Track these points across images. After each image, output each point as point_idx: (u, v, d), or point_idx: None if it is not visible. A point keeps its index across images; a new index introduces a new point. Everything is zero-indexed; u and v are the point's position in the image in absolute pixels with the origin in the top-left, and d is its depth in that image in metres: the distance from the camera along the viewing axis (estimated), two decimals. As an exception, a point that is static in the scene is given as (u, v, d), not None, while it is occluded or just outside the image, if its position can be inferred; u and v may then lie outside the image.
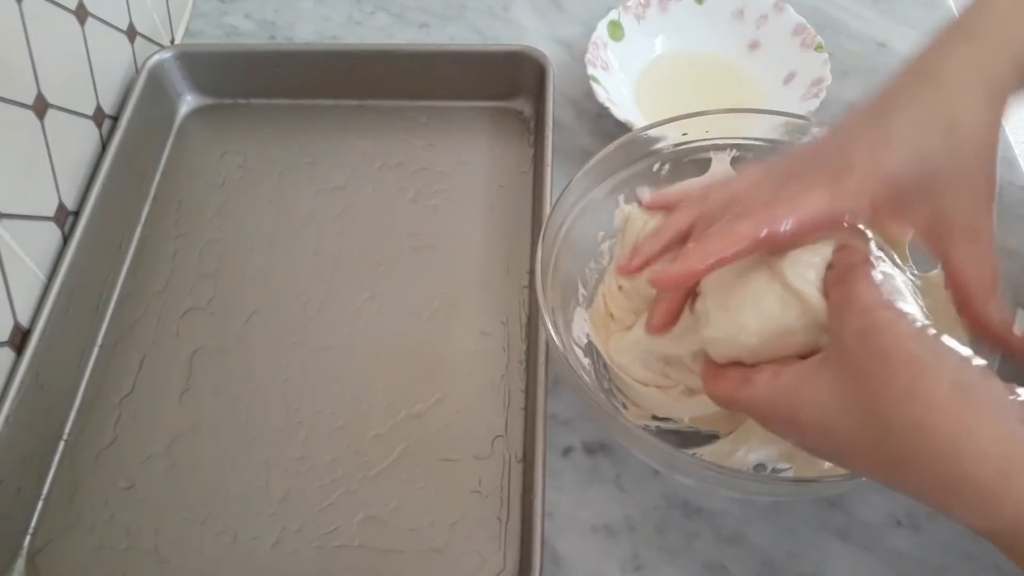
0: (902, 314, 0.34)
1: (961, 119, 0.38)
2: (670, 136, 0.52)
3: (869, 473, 0.35)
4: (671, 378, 0.47)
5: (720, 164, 0.53)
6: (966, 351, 0.33)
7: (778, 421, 0.37)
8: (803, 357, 0.38)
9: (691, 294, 0.43)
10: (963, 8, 0.42)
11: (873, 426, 0.33)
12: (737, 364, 0.40)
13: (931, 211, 0.39)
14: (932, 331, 0.33)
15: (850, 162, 0.38)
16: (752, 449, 0.45)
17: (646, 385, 0.48)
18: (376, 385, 0.54)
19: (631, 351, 0.48)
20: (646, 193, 0.45)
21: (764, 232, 0.37)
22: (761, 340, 0.38)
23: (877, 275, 0.36)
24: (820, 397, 0.35)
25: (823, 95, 0.63)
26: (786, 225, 0.37)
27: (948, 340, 0.33)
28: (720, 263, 0.38)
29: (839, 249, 0.38)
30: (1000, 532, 0.31)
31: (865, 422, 0.33)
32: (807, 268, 0.38)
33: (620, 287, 0.51)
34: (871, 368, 0.33)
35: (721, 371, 0.40)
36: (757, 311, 0.38)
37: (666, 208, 0.44)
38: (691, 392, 0.47)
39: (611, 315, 0.51)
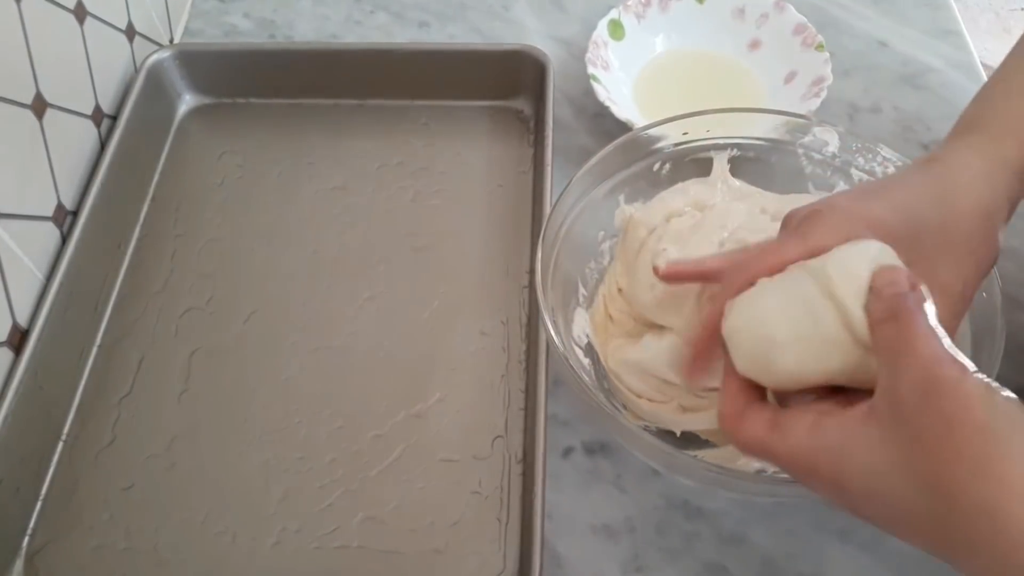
0: (966, 371, 0.30)
1: (957, 192, 0.39)
2: (670, 135, 0.52)
3: (924, 548, 0.31)
4: (665, 394, 0.47)
5: (720, 165, 0.53)
6: None
7: (819, 482, 0.33)
8: (840, 386, 0.35)
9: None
10: (967, 108, 0.45)
11: (934, 501, 0.29)
12: (760, 396, 0.37)
13: (910, 263, 0.38)
14: (1004, 392, 0.30)
15: (834, 205, 0.39)
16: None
17: (639, 396, 0.48)
18: (376, 385, 0.54)
19: (627, 365, 0.48)
20: (661, 263, 0.45)
21: (729, 267, 0.39)
22: (788, 338, 0.35)
23: (932, 313, 0.33)
24: (871, 459, 0.31)
25: (824, 94, 0.62)
26: (750, 271, 0.38)
27: (1019, 402, 0.30)
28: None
29: (881, 270, 0.35)
30: None
31: (925, 495, 0.30)
32: (852, 278, 0.35)
33: (620, 289, 0.51)
34: (933, 434, 0.29)
35: (744, 408, 0.36)
36: (783, 302, 0.36)
37: (680, 279, 0.44)
38: (684, 410, 0.47)
39: (610, 317, 0.51)
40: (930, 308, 0.33)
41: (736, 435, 0.36)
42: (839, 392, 0.35)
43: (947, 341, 0.31)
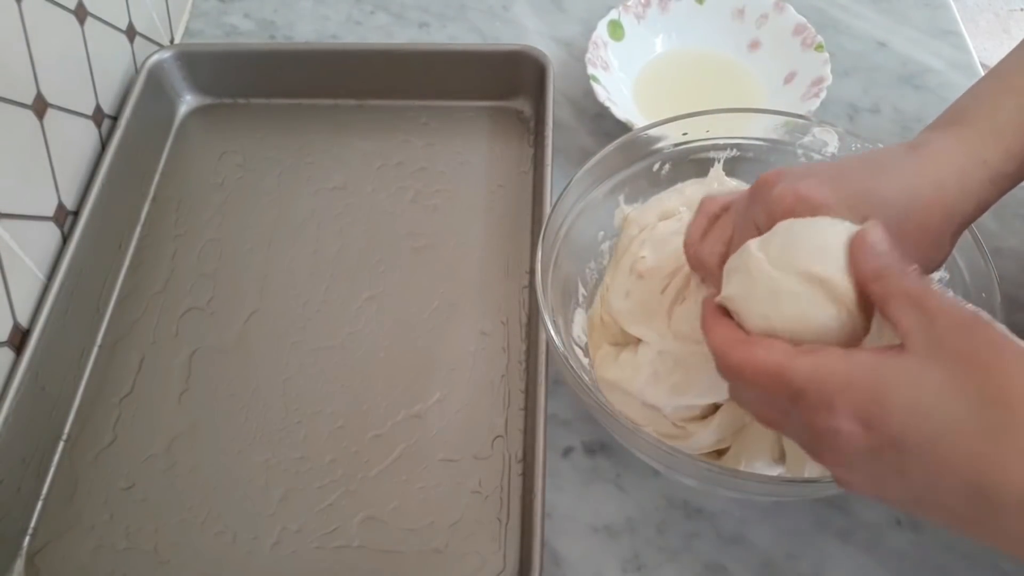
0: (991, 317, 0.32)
1: (926, 185, 0.39)
2: (670, 136, 0.52)
3: (963, 473, 0.30)
4: (645, 417, 0.47)
5: (716, 166, 0.53)
6: None
7: (851, 399, 0.31)
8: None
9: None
10: (957, 99, 0.44)
11: (991, 416, 0.29)
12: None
13: None
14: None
15: (809, 201, 0.38)
16: (748, 461, 0.45)
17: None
18: (376, 385, 0.54)
19: (606, 384, 0.48)
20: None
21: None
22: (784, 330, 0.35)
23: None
24: (914, 378, 0.31)
25: (824, 95, 0.62)
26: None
27: None
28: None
29: (865, 231, 0.35)
30: None
31: (980, 409, 0.29)
32: (822, 251, 0.35)
33: (608, 289, 0.51)
34: (983, 357, 0.30)
35: (757, 339, 0.35)
36: (791, 310, 0.36)
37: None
38: (660, 436, 0.46)
39: (602, 319, 0.51)
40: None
41: (748, 359, 0.34)
42: None
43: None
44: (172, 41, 0.72)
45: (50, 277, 0.54)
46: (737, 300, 0.37)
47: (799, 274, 0.35)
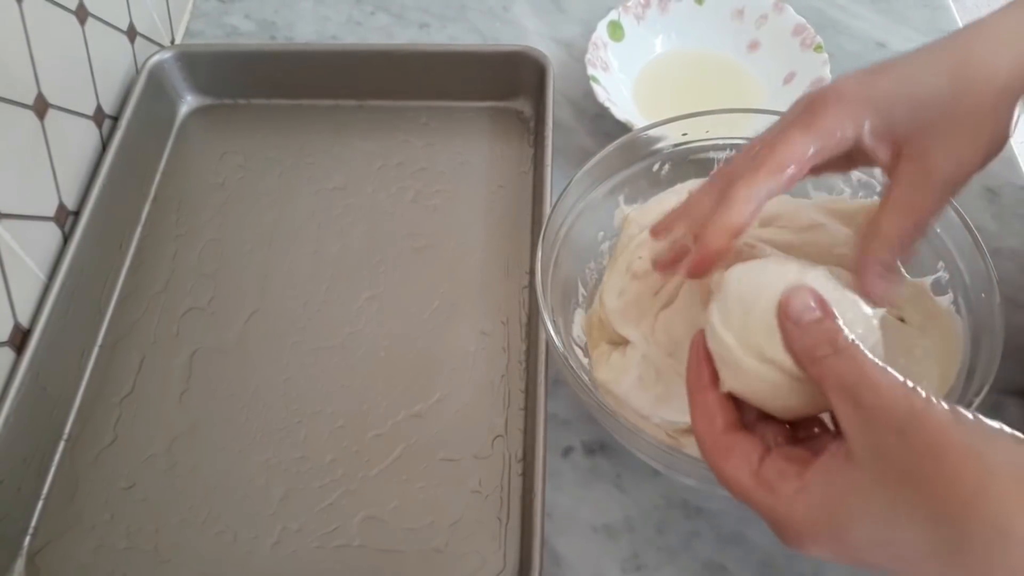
0: (928, 399, 0.30)
1: (974, 61, 0.36)
2: (670, 136, 0.52)
3: None
4: (636, 422, 0.47)
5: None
6: (996, 423, 0.30)
7: (817, 537, 0.32)
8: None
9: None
10: None
11: (944, 534, 0.28)
12: (736, 416, 0.36)
13: (904, 141, 0.37)
14: (962, 411, 0.29)
15: (839, 89, 0.37)
16: None
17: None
18: (376, 385, 0.54)
19: (599, 385, 0.48)
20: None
21: (763, 190, 0.37)
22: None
23: (851, 333, 0.33)
24: (869, 506, 0.30)
25: (823, 95, 0.63)
26: (776, 179, 0.37)
27: (979, 416, 0.30)
28: (738, 231, 0.38)
29: (788, 297, 0.34)
30: None
31: (931, 527, 0.29)
32: (771, 332, 0.35)
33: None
34: (923, 468, 0.29)
35: (722, 435, 0.35)
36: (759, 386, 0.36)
37: (666, 230, 0.44)
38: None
39: (600, 319, 0.51)
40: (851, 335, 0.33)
41: (720, 468, 0.34)
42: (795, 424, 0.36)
43: (892, 369, 0.31)
44: (173, 42, 0.72)
45: (51, 277, 0.54)
46: (714, 358, 0.37)
47: (755, 353, 0.35)
